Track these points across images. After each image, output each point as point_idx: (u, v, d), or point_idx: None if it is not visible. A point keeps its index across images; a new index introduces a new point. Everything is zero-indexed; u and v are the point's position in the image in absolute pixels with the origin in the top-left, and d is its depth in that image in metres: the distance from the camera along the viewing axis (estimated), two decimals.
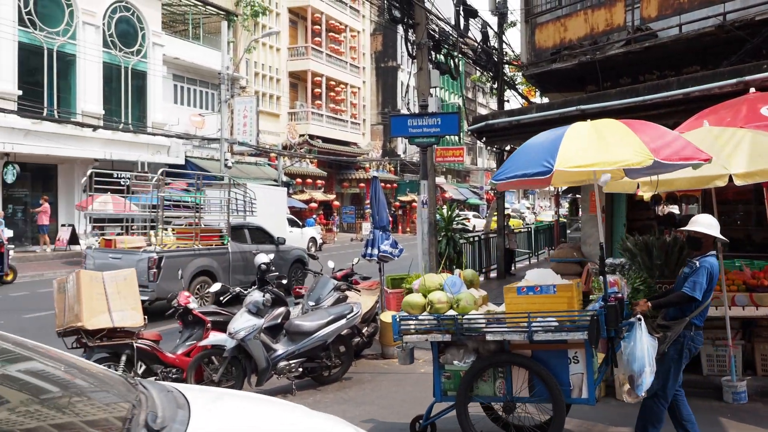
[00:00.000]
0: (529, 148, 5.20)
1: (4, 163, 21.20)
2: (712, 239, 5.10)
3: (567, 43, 11.59)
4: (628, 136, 4.76)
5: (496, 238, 17.49)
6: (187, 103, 30.11)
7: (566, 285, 5.02)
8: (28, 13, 21.79)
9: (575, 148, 4.74)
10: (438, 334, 5.17)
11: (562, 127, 5.12)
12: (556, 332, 4.81)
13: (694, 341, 5.00)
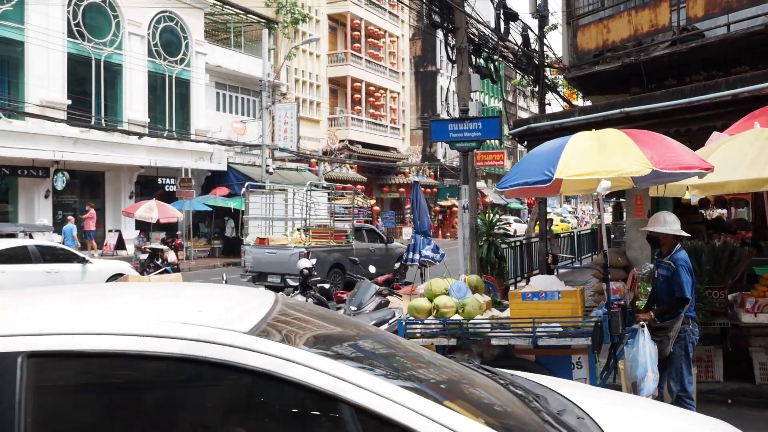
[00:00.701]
0: (533, 158, 5.35)
1: (54, 170, 21.81)
2: (672, 236, 5.23)
3: (610, 44, 11.42)
4: (628, 145, 4.85)
5: (538, 242, 17.31)
6: (229, 110, 30.58)
7: (570, 291, 5.14)
8: (76, 25, 22.43)
9: (576, 157, 4.85)
10: (443, 338, 5.24)
11: (565, 137, 5.22)
12: (561, 338, 4.88)
13: (694, 333, 5.18)
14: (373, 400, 1.82)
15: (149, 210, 20.97)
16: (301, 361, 1.85)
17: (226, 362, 1.81)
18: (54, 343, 1.79)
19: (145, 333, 1.84)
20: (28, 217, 21.56)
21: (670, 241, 5.29)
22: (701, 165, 4.90)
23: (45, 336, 1.81)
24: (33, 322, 1.93)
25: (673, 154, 4.89)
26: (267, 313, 2.18)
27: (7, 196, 22.16)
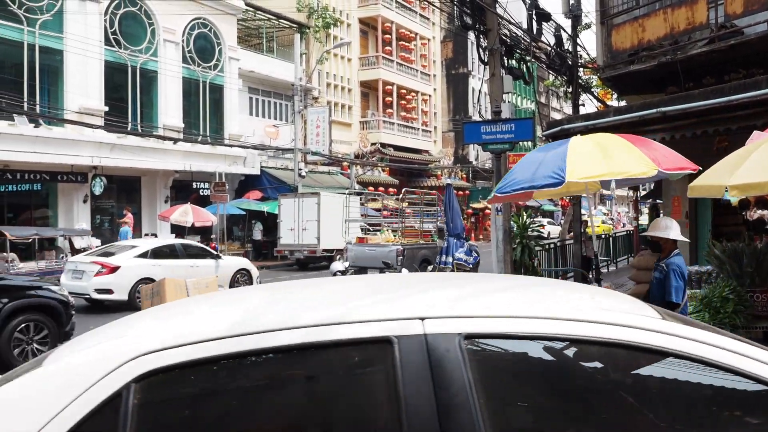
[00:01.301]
0: (531, 163, 5.49)
1: (92, 176, 22.25)
2: (672, 241, 5.37)
3: (645, 43, 11.25)
4: (630, 148, 5.12)
5: (572, 245, 17.10)
6: (261, 114, 30.87)
7: None
8: (113, 33, 22.87)
9: (581, 160, 5.06)
10: None
11: (558, 142, 5.52)
12: None
13: None
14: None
15: (184, 214, 21.27)
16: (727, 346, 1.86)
17: (654, 347, 1.83)
18: (489, 325, 1.83)
19: (586, 319, 1.87)
20: (67, 222, 22.03)
21: (670, 246, 5.41)
22: (690, 166, 5.29)
23: (481, 318, 1.84)
24: (468, 305, 1.96)
25: (668, 156, 5.21)
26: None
27: (47, 201, 22.67)
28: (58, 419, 1.64)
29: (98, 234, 22.55)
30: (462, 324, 1.79)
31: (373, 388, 1.79)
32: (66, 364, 1.82)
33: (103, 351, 1.80)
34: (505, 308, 1.94)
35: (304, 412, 1.80)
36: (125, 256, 14.40)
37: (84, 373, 1.72)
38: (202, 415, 1.79)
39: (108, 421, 1.65)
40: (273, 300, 2.18)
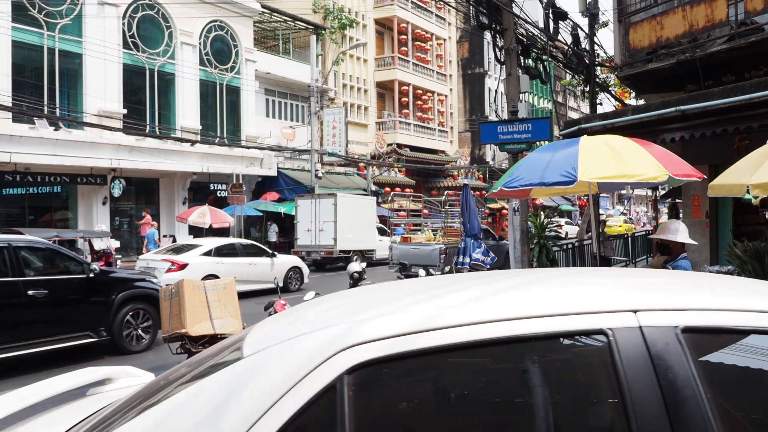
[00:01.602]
0: (538, 162, 5.56)
1: (111, 178, 22.46)
2: (681, 244, 5.42)
3: (664, 41, 11.14)
4: (641, 153, 5.19)
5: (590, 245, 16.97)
6: (278, 116, 30.99)
7: None
8: (131, 36, 23.07)
9: (595, 160, 5.12)
10: None
11: (567, 141, 5.55)
12: None
13: None
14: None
15: (202, 215, 21.40)
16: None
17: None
18: (706, 318, 1.81)
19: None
20: (87, 223, 22.26)
21: (679, 248, 5.47)
22: (697, 174, 5.41)
23: (698, 312, 1.82)
24: (683, 298, 1.94)
25: (677, 162, 5.29)
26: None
27: (67, 203, 22.92)
28: (272, 412, 1.61)
29: (117, 235, 22.75)
30: (679, 317, 1.77)
31: (591, 380, 1.78)
32: (274, 354, 1.77)
33: (312, 342, 1.76)
34: (719, 301, 1.91)
35: (520, 404, 1.78)
36: (192, 254, 15.30)
37: (294, 365, 1.69)
38: (414, 408, 1.77)
39: (324, 414, 1.63)
40: (478, 294, 2.12)
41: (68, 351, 8.78)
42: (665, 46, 11.04)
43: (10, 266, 8.23)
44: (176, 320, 6.59)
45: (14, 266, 8.25)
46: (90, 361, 8.64)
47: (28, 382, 6.62)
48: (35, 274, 8.70)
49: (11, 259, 8.27)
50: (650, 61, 11.19)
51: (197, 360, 2.23)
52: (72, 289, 8.95)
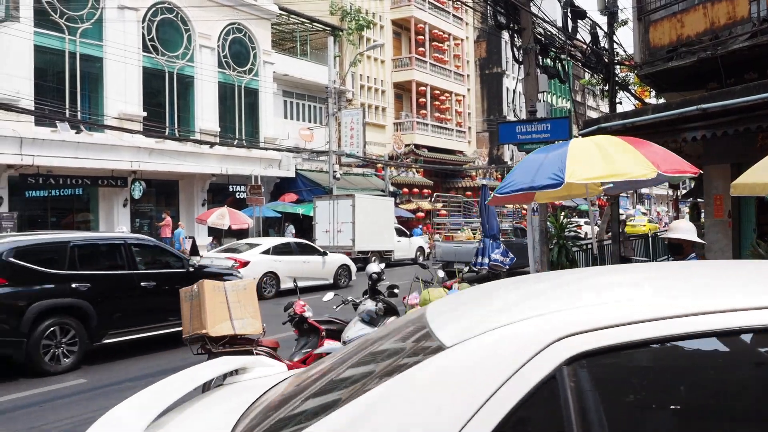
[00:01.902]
0: (531, 164, 5.56)
1: (131, 180, 22.68)
2: (692, 243, 5.43)
3: (684, 39, 11.02)
4: (631, 151, 5.17)
5: (611, 245, 16.84)
6: (296, 117, 31.10)
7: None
8: (151, 39, 23.29)
9: (582, 162, 5.11)
10: None
11: (558, 144, 5.64)
12: None
13: None
14: None
15: (221, 217, 21.54)
16: None
17: None
18: None
19: None
20: (108, 225, 22.50)
21: (689, 248, 5.51)
22: (690, 169, 5.38)
23: None
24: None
25: (669, 159, 5.29)
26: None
27: (88, 205, 23.18)
28: (489, 406, 1.56)
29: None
30: None
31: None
32: (483, 344, 1.71)
33: (525, 330, 1.70)
34: None
35: (757, 398, 1.68)
36: (253, 252, 16.41)
37: (511, 355, 1.63)
38: (640, 402, 1.69)
39: (545, 406, 1.58)
40: (704, 283, 2.07)
41: (162, 337, 9.91)
42: (686, 44, 10.92)
43: (126, 261, 9.53)
44: (197, 321, 6.63)
45: (129, 261, 9.55)
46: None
47: (139, 364, 6.82)
48: (145, 268, 9.91)
49: (126, 254, 9.56)
50: (671, 60, 11.08)
51: (367, 346, 2.15)
52: (175, 280, 9.68)
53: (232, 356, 3.17)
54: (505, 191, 5.67)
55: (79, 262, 9.07)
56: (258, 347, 6.93)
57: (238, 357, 3.06)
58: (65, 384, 8.25)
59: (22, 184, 20.22)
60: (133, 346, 9.84)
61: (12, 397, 7.64)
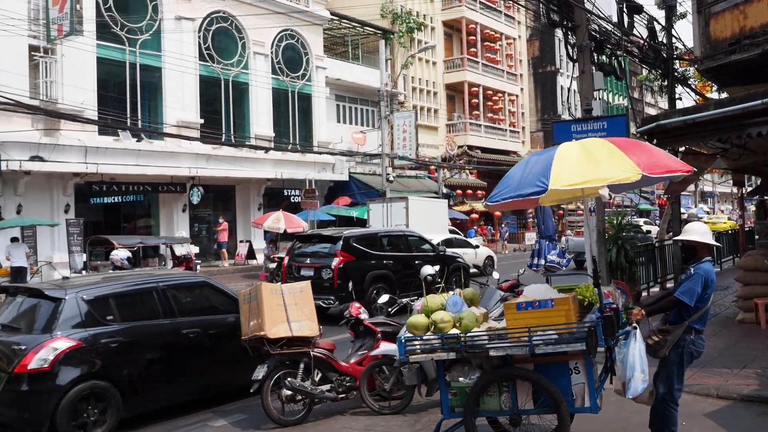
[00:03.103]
0: (520, 171, 5.58)
1: (190, 186, 23.23)
2: (707, 246, 5.29)
3: (748, 31, 10.63)
4: (615, 153, 5.11)
5: (672, 245, 16.38)
6: (348, 121, 31.31)
7: (563, 298, 5.18)
8: (207, 48, 23.84)
9: (567, 167, 5.08)
10: (443, 352, 5.36)
11: (551, 148, 5.47)
12: (557, 344, 4.98)
13: (695, 344, 5.24)
14: None
15: (277, 221, 21.82)
16: None
17: None
18: None
19: None
20: (168, 230, 23.11)
21: (704, 251, 5.33)
22: (683, 168, 5.27)
23: None
24: None
25: (657, 159, 5.21)
26: None
27: (149, 210, 23.87)
28: None
29: (196, 242, 23.50)
30: None
31: None
32: None
33: None
34: None
35: None
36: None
37: None
38: None
39: None
40: None
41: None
42: (749, 35, 10.53)
43: (407, 246, 14.28)
44: (255, 323, 6.76)
45: (408, 246, 14.50)
46: None
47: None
48: (416, 252, 14.28)
49: (406, 241, 14.62)
50: (733, 53, 10.69)
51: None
52: (434, 260, 13.20)
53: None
54: (495, 200, 5.67)
55: (386, 246, 14.01)
56: (315, 349, 7.02)
57: None
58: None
59: (87, 191, 20.98)
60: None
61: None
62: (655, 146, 5.98)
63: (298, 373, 6.81)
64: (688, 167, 5.37)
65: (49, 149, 18.79)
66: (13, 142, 17.97)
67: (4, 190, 19.11)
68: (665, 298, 5.45)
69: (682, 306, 5.14)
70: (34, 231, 18.90)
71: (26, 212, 19.32)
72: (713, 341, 9.71)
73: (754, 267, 11.21)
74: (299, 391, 6.76)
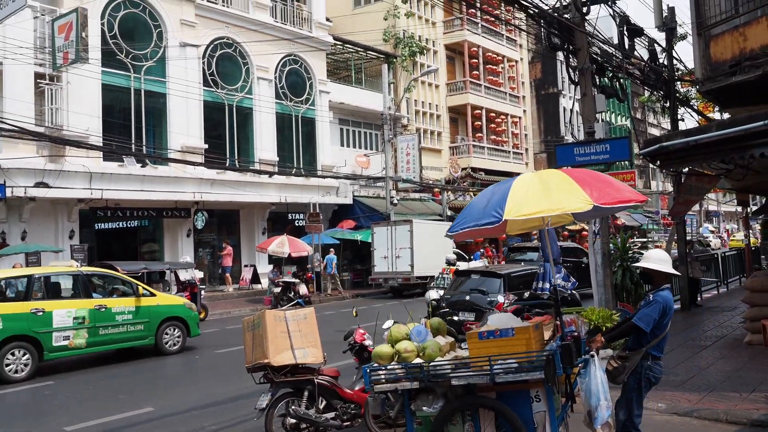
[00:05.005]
0: (480, 201, 5.73)
1: (194, 210, 23.29)
2: (665, 274, 5.38)
3: (748, 53, 10.67)
4: (569, 184, 5.24)
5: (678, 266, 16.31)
6: (352, 144, 31.44)
7: (524, 327, 5.24)
8: (211, 74, 24.04)
9: (522, 198, 5.22)
10: (407, 381, 5.42)
11: (509, 179, 5.64)
12: (516, 373, 5.04)
13: (653, 371, 5.34)
14: None
15: (281, 245, 21.82)
16: None
17: None
18: None
19: None
20: (172, 255, 23.12)
21: (662, 279, 5.42)
22: (636, 198, 5.41)
23: None
24: None
25: (611, 189, 5.34)
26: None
27: (154, 235, 23.90)
28: None
29: (201, 266, 23.49)
30: None
31: None
32: None
33: None
34: None
35: None
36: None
37: None
38: None
39: None
40: None
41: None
42: (749, 57, 10.57)
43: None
44: (259, 350, 6.72)
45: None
46: None
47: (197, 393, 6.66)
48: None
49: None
50: (734, 74, 10.73)
51: None
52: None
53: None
54: (455, 230, 5.79)
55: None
56: (319, 376, 6.97)
57: None
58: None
59: (92, 216, 21.04)
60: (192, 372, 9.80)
61: None
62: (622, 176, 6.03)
63: (303, 401, 6.76)
64: (642, 197, 5.55)
65: (54, 175, 18.89)
66: (18, 169, 18.07)
67: (8, 216, 19.18)
68: (625, 323, 5.55)
69: (641, 332, 5.26)
70: (39, 257, 18.93)
71: (31, 238, 19.37)
72: (721, 364, 9.63)
73: (761, 288, 11.15)
74: (303, 419, 6.70)
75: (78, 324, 11.61)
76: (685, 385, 8.37)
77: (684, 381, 8.61)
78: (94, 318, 11.85)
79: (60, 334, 11.38)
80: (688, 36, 19.07)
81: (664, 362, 5.52)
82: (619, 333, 5.51)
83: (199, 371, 11.90)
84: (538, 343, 5.27)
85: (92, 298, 12.17)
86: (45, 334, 11.14)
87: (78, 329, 11.61)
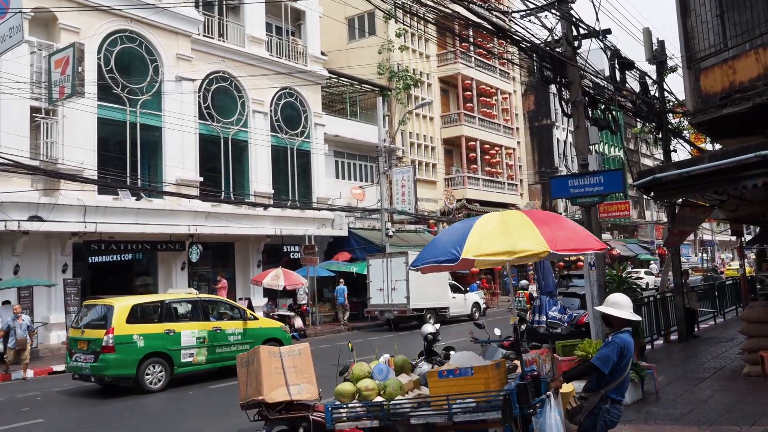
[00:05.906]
0: (443, 237, 5.88)
1: (189, 243, 23.19)
2: (622, 319, 5.35)
3: (738, 85, 10.79)
4: (529, 228, 5.32)
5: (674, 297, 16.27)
6: (347, 177, 31.51)
7: (483, 366, 5.28)
8: (206, 107, 24.17)
9: (482, 238, 5.32)
10: (367, 420, 5.43)
11: (472, 218, 5.78)
12: (474, 412, 5.04)
13: (610, 414, 5.26)
14: None
15: (276, 278, 21.74)
16: None
17: None
18: None
19: None
20: (166, 288, 22.89)
21: (620, 322, 5.40)
22: (594, 246, 5.49)
23: None
24: None
25: (571, 235, 5.45)
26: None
27: (148, 268, 23.76)
28: None
29: None
30: None
31: None
32: None
33: None
34: None
35: None
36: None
37: None
38: None
39: None
40: None
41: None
42: (739, 89, 10.68)
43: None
44: (253, 387, 6.64)
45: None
46: None
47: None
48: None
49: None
50: (724, 106, 10.84)
51: None
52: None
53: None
54: (416, 265, 5.88)
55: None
56: (314, 413, 6.88)
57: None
58: None
59: (86, 250, 20.92)
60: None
61: None
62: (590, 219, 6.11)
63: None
64: (601, 245, 5.62)
65: (48, 209, 18.84)
66: (12, 203, 18.01)
67: (1, 250, 19.05)
68: (584, 363, 5.61)
69: (600, 373, 5.24)
70: (31, 291, 18.79)
71: (24, 272, 19.22)
72: (720, 396, 9.54)
73: (758, 319, 11.11)
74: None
75: (200, 343, 13.38)
76: (685, 419, 8.29)
77: (683, 414, 8.52)
78: (212, 338, 13.58)
79: (186, 352, 13.16)
80: (678, 68, 19.31)
81: (663, 394, 5.48)
82: (577, 372, 5.56)
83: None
84: (497, 383, 5.26)
85: (209, 321, 13.87)
86: (175, 351, 12.94)
87: (200, 347, 13.36)
